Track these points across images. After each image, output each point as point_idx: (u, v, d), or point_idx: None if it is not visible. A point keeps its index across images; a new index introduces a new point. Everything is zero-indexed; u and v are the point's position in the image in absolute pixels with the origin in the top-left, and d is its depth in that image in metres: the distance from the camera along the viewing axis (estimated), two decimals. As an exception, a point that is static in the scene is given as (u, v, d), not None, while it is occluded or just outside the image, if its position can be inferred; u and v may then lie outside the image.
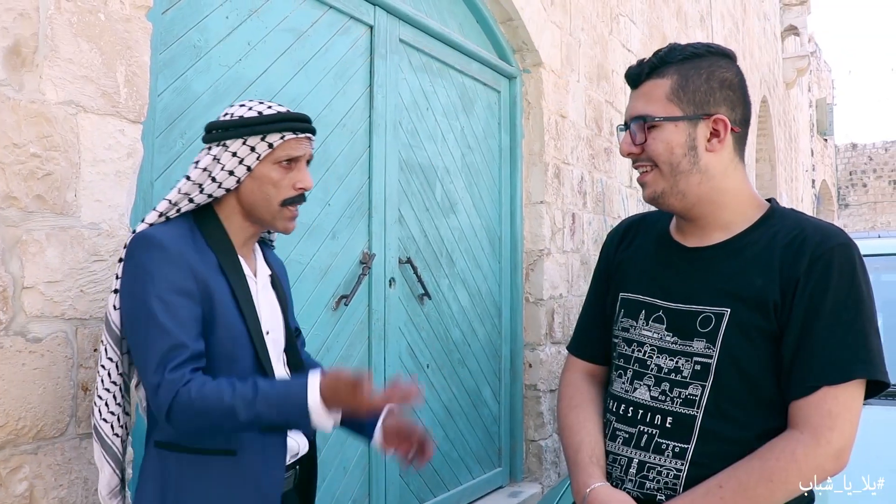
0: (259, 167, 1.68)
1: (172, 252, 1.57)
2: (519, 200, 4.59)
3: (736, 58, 1.58)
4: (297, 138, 1.71)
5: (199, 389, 1.50)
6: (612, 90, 5.66)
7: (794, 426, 1.40)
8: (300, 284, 2.94)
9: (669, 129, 1.49)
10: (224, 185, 1.68)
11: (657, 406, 1.50)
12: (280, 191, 1.70)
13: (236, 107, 1.72)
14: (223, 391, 1.50)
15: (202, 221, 1.70)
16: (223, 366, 1.61)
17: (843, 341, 1.38)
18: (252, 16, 2.74)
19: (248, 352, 1.64)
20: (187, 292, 1.56)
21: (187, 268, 1.57)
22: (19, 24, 1.82)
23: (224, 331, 1.61)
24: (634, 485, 1.49)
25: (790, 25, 15.58)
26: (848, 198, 26.52)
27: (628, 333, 1.59)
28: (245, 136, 1.66)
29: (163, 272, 1.55)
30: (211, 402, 1.49)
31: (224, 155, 1.67)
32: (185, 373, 1.51)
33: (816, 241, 1.43)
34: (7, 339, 1.78)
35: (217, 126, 1.70)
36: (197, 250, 1.63)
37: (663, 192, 1.52)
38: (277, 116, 1.68)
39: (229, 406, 1.48)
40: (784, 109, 14.99)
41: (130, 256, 1.60)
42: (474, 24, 4.28)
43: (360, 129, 3.30)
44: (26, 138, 1.83)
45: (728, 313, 1.45)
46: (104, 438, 1.70)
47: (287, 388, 1.54)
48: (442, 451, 3.85)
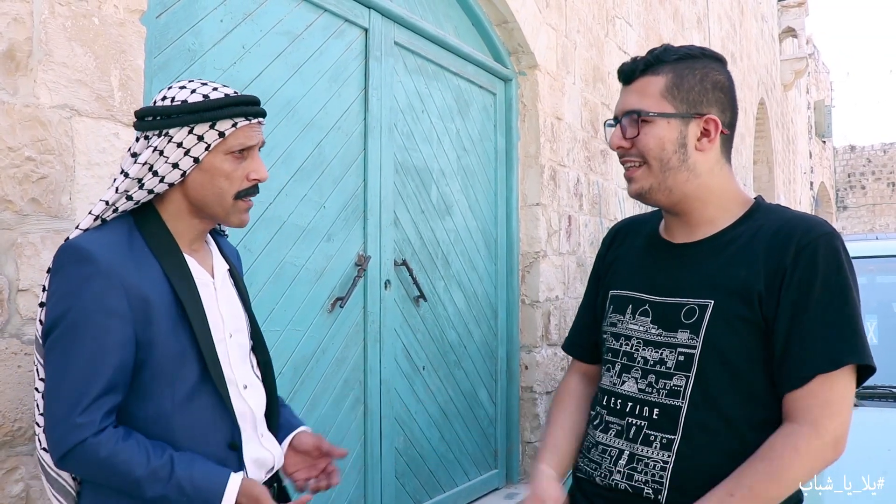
0: (208, 158, 1.49)
1: (103, 266, 1.39)
2: (515, 203, 4.60)
3: (727, 63, 1.60)
4: (250, 124, 1.52)
5: (112, 450, 1.35)
6: (608, 92, 5.67)
7: (791, 419, 1.41)
8: (295, 287, 2.95)
9: (662, 125, 1.50)
10: (167, 179, 1.48)
11: (644, 398, 1.52)
12: (233, 183, 1.52)
13: (175, 89, 1.51)
14: (135, 462, 1.36)
15: (142, 222, 1.51)
16: (160, 387, 1.45)
17: (833, 330, 1.39)
18: (246, 19, 2.75)
19: (192, 369, 1.48)
20: (117, 313, 1.39)
21: (119, 284, 1.39)
22: (13, 28, 1.83)
23: (164, 350, 1.44)
24: (623, 476, 1.51)
25: (788, 27, 15.62)
26: (846, 200, 26.56)
27: (616, 328, 1.62)
28: (191, 123, 1.46)
29: (90, 290, 1.38)
30: (119, 468, 1.35)
31: (168, 146, 1.47)
32: (99, 417, 1.36)
33: (801, 231, 1.44)
34: (3, 342, 1.79)
35: (157, 112, 1.48)
36: (135, 259, 1.45)
37: (651, 189, 1.54)
38: (227, 100, 1.48)
39: (136, 479, 1.36)
40: (782, 111, 15.01)
41: (57, 270, 1.42)
42: (470, 27, 4.30)
43: (356, 132, 3.31)
44: (21, 142, 1.84)
45: (712, 304, 1.47)
46: (48, 471, 1.51)
47: (206, 480, 1.41)
48: (438, 453, 3.86)
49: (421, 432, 3.72)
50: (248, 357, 1.65)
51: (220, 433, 1.51)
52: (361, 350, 3.34)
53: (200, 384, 1.49)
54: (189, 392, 1.47)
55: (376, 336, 3.41)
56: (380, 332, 3.43)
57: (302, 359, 2.99)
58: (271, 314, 2.84)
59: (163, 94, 1.52)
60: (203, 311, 1.51)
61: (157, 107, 1.49)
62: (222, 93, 1.50)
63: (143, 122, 1.50)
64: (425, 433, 3.76)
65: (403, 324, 3.61)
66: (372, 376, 3.37)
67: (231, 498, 1.42)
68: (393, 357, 3.52)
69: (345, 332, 3.23)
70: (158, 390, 1.45)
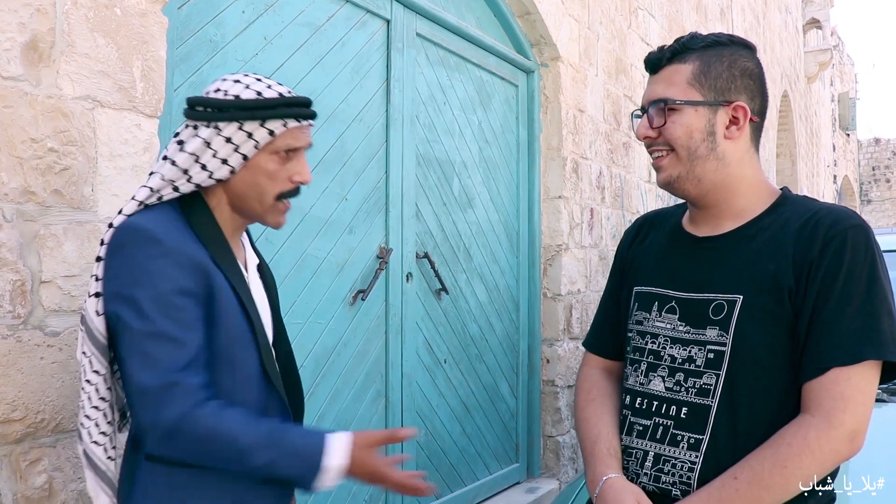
0: (255, 156, 1.48)
1: (169, 245, 1.37)
2: (537, 195, 4.57)
3: (756, 49, 1.56)
4: (300, 126, 1.51)
5: (215, 420, 1.34)
6: (631, 84, 5.62)
7: (805, 410, 1.37)
8: (317, 279, 2.94)
9: (689, 113, 1.48)
10: (216, 175, 1.47)
11: (672, 397, 1.49)
12: (276, 183, 1.50)
13: (230, 82, 1.49)
14: (240, 432, 1.34)
15: (188, 210, 1.49)
16: (224, 371, 1.44)
17: (853, 322, 1.35)
18: (268, 10, 2.74)
19: (252, 355, 1.48)
20: (190, 291, 1.38)
21: (188, 262, 1.38)
22: (36, 19, 1.83)
23: (226, 333, 1.43)
24: (650, 479, 1.48)
25: (812, 18, 15.44)
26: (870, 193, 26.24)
27: (642, 326, 1.59)
28: (242, 119, 1.44)
29: (161, 269, 1.35)
30: (224, 439, 1.34)
31: (216, 139, 1.45)
32: (195, 390, 1.34)
33: (829, 223, 1.41)
34: (25, 333, 1.79)
35: (209, 104, 1.46)
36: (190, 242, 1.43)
37: (679, 177, 1.51)
38: (280, 101, 1.47)
39: (242, 448, 1.34)
40: (805, 104, 14.85)
41: (118, 252, 1.39)
42: (492, 18, 4.27)
43: (377, 124, 3.30)
44: (43, 133, 1.84)
45: (741, 300, 1.43)
46: (97, 465, 1.48)
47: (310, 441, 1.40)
48: (459, 447, 3.85)
49: (442, 426, 3.71)
50: (271, 351, 1.65)
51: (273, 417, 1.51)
52: (383, 343, 3.32)
53: (257, 370, 1.49)
54: (247, 376, 1.47)
55: (398, 329, 3.39)
56: (401, 325, 3.41)
57: (323, 352, 2.98)
58: (293, 307, 2.83)
59: (216, 85, 1.50)
60: (253, 299, 1.52)
61: (210, 98, 1.47)
62: (276, 91, 1.48)
63: (193, 112, 1.49)
64: (446, 427, 3.75)
65: (425, 317, 3.60)
66: (393, 369, 3.36)
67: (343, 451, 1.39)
68: (414, 350, 3.50)
69: (366, 325, 3.22)
70: (220, 371, 1.44)
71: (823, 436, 1.33)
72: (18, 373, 1.76)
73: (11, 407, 1.75)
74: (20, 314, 1.78)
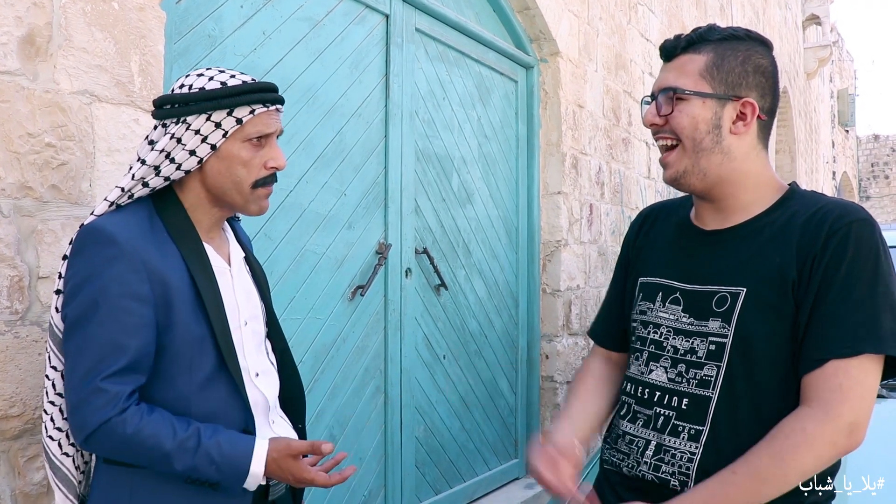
0: (225, 145, 1.49)
1: (126, 248, 1.39)
2: (536, 191, 4.56)
3: (773, 47, 1.55)
4: (268, 111, 1.52)
5: (138, 425, 1.36)
6: (630, 80, 5.61)
7: (804, 402, 1.37)
8: (316, 275, 2.94)
9: (697, 104, 1.47)
10: (184, 166, 1.48)
11: (673, 388, 1.49)
12: (251, 171, 1.51)
13: (193, 76, 1.50)
14: (162, 436, 1.37)
15: (162, 207, 1.50)
16: (179, 371, 1.46)
17: (854, 315, 1.34)
18: (267, 5, 2.73)
19: (210, 356, 1.48)
20: (140, 295, 1.39)
21: (142, 266, 1.40)
22: (33, 13, 1.82)
23: (183, 335, 1.45)
24: (650, 467, 1.48)
25: (812, 14, 15.40)
26: (869, 190, 26.23)
27: (645, 316, 1.59)
28: (209, 110, 1.45)
29: (113, 271, 1.37)
30: (147, 444, 1.36)
31: (185, 133, 1.46)
32: (123, 395, 1.36)
33: (835, 216, 1.40)
34: (23, 329, 1.78)
35: (174, 100, 1.47)
36: (156, 242, 1.45)
37: (685, 171, 1.50)
38: (245, 87, 1.47)
39: (165, 453, 1.37)
40: (805, 100, 14.84)
41: (78, 252, 1.41)
42: (491, 13, 4.25)
43: (376, 119, 3.29)
44: (41, 128, 1.83)
45: (744, 292, 1.43)
46: (52, 458, 1.51)
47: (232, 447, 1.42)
48: (458, 443, 3.85)
49: (441, 421, 3.71)
50: (262, 344, 1.66)
51: (234, 420, 1.52)
52: (382, 338, 3.32)
53: (217, 371, 1.50)
54: (206, 378, 1.48)
55: (397, 324, 3.39)
56: (400, 321, 3.41)
57: (322, 347, 2.98)
58: (292, 302, 2.82)
59: (181, 82, 1.51)
60: (220, 299, 1.52)
61: (175, 94, 1.48)
62: (240, 80, 1.49)
63: (160, 111, 1.50)
64: (445, 422, 3.74)
65: (424, 312, 3.59)
66: (392, 365, 3.36)
67: (260, 459, 1.43)
68: (413, 346, 3.50)
69: (365, 320, 3.22)
70: (177, 375, 1.46)
71: (821, 428, 1.32)
72: (16, 369, 1.76)
73: (9, 403, 1.74)
74: (18, 310, 1.77)
